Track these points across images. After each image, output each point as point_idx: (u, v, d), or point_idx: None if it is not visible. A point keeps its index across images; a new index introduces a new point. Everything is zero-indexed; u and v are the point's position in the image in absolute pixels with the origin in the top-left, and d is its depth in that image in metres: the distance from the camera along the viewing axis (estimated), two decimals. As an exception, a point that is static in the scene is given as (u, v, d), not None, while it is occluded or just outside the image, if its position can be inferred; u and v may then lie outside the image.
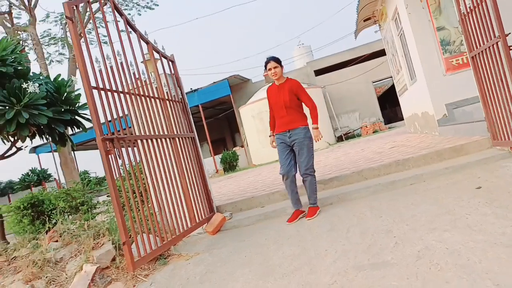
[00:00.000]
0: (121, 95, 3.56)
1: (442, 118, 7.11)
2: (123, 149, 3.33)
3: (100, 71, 3.29)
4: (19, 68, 4.18)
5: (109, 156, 2.95)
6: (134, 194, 3.42)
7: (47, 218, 4.94)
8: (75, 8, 3.02)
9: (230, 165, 16.47)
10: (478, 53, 4.20)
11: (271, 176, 7.97)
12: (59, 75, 4.56)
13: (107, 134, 3.08)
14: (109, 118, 3.34)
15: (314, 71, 22.00)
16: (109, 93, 3.36)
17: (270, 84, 4.35)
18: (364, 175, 4.79)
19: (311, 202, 4.12)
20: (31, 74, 4.36)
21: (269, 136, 4.38)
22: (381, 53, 16.96)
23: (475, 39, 4.21)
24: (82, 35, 3.19)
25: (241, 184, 7.95)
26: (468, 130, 5.50)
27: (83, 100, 4.56)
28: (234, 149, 19.58)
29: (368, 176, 4.76)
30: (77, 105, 4.50)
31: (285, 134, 4.14)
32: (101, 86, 3.33)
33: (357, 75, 20.85)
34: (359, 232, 3.33)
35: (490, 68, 4.02)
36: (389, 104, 25.69)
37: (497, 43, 3.75)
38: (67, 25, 8.60)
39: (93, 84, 3.21)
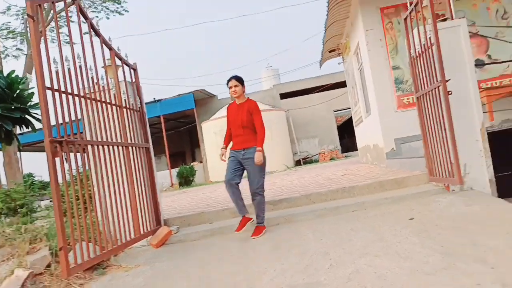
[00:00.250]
0: (76, 98, 3.54)
1: (390, 152, 7.49)
2: (72, 154, 3.30)
3: (57, 72, 3.28)
4: (-29, 60, 4.07)
5: (55, 159, 2.93)
6: (78, 200, 3.38)
7: (-18, 218, 4.72)
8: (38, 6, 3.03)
9: (186, 180, 16.34)
10: (423, 94, 4.53)
11: (225, 194, 8.02)
12: (13, 71, 4.46)
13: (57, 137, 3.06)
14: (60, 121, 3.32)
15: (280, 94, 22.48)
16: (63, 95, 3.35)
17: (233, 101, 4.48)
18: (312, 199, 4.96)
19: (258, 221, 4.22)
20: (-17, 67, 4.24)
21: (221, 149, 4.45)
22: (344, 84, 17.66)
23: (421, 81, 4.55)
24: (42, 34, 3.18)
25: (193, 200, 7.94)
26: (411, 165, 5.84)
27: (36, 99, 4.48)
28: (192, 164, 19.46)
29: (315, 200, 4.94)
30: (29, 104, 4.41)
31: (240, 152, 4.26)
32: (56, 87, 3.32)
33: (320, 102, 21.49)
34: (299, 252, 3.45)
35: (431, 109, 4.35)
36: (347, 134, 26.53)
37: (438, 87, 4.07)
38: (28, 21, 8.43)
39: (48, 84, 3.19)
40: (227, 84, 4.33)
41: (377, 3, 7.51)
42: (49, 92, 3.17)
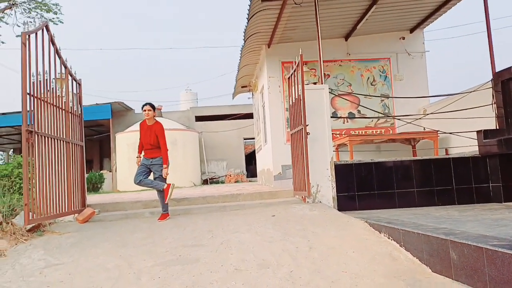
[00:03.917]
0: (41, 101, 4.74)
1: (277, 175, 9.38)
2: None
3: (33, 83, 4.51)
4: None
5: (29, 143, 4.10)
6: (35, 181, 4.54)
7: None
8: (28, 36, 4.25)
9: (94, 186, 16.82)
10: (294, 132, 6.41)
11: (135, 196, 9.21)
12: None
13: (30, 125, 4.24)
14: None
15: (195, 116, 23.97)
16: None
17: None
18: (207, 200, 6.50)
19: (163, 210, 5.63)
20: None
21: (136, 157, 5.84)
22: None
23: (294, 123, 6.43)
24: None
25: (107, 198, 9.00)
26: (289, 184, 7.69)
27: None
28: (101, 171, 19.86)
29: (209, 201, 6.49)
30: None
31: (148, 160, 5.72)
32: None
33: (232, 129, 23.40)
34: (191, 230, 4.94)
35: (298, 144, 6.22)
36: (255, 161, 28.80)
37: (302, 128, 5.95)
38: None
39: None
40: (143, 107, 5.76)
41: (279, 57, 9.56)
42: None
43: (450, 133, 7.23)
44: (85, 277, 3.48)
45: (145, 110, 5.70)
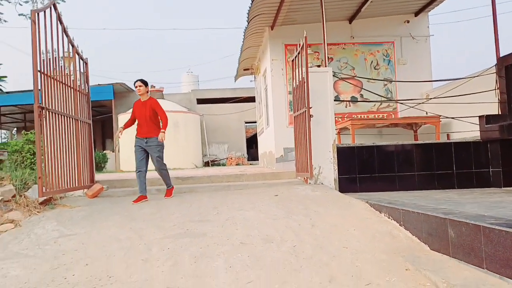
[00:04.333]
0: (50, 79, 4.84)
1: (279, 157, 9.52)
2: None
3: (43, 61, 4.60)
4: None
5: (41, 118, 4.21)
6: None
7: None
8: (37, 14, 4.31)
9: (97, 166, 16.99)
10: (297, 115, 6.52)
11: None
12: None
13: (41, 103, 4.34)
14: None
15: (197, 99, 24.01)
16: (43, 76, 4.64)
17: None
18: (212, 179, 6.65)
19: (167, 186, 5.77)
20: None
21: (120, 127, 5.82)
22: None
23: (297, 105, 6.53)
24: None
25: (113, 177, 9.15)
26: (291, 166, 7.83)
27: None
28: (105, 151, 20.03)
29: (214, 181, 6.64)
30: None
31: (143, 140, 5.72)
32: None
33: (233, 112, 23.46)
34: (197, 206, 5.10)
35: (301, 126, 6.33)
36: (255, 145, 28.93)
37: (305, 111, 6.05)
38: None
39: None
40: (134, 84, 5.82)
41: (282, 40, 9.59)
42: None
43: (452, 118, 7.33)
44: (99, 247, 3.64)
45: (136, 86, 5.75)
